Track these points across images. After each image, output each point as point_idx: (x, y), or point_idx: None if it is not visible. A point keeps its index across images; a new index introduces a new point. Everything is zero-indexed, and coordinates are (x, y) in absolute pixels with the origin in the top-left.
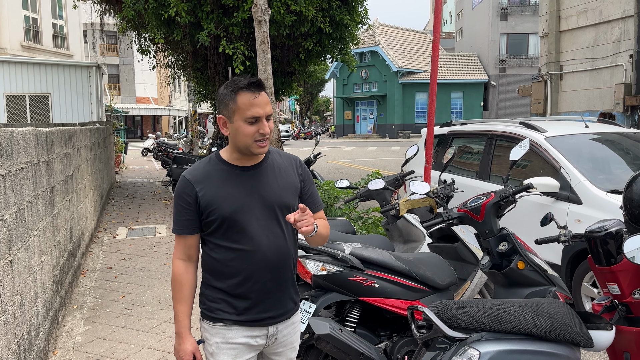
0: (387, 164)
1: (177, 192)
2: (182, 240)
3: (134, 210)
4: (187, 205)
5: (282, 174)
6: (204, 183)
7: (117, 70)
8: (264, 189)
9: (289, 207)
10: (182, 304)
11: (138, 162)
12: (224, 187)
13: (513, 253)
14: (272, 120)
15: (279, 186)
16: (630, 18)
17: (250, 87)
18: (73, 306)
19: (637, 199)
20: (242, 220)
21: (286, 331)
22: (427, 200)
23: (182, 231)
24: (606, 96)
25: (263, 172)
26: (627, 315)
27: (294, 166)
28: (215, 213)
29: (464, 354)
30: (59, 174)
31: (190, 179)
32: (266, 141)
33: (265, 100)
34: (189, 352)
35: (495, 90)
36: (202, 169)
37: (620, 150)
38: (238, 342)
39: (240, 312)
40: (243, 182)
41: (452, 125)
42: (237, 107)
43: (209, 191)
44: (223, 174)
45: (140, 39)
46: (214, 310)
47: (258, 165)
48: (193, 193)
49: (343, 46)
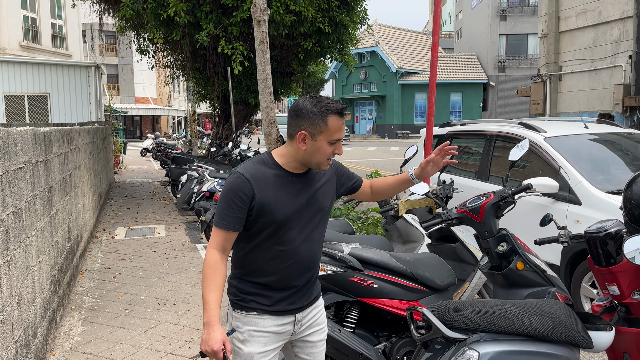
0: (386, 164)
1: (233, 188)
2: (223, 233)
3: (133, 211)
4: (242, 203)
5: (324, 180)
6: (261, 185)
7: (116, 70)
8: (311, 196)
9: (326, 211)
10: (214, 292)
11: (137, 162)
12: (279, 193)
13: (512, 254)
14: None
15: (322, 192)
16: (629, 19)
17: (341, 113)
18: (71, 306)
19: (637, 200)
20: (290, 224)
21: (310, 315)
22: (426, 201)
23: (229, 227)
24: (605, 97)
25: (310, 179)
26: (626, 316)
27: (331, 170)
28: (268, 217)
29: (463, 355)
30: (57, 173)
31: (249, 179)
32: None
33: (344, 124)
34: (219, 341)
35: (494, 90)
36: (259, 170)
37: (619, 151)
38: (269, 331)
39: (272, 304)
40: (295, 189)
41: (451, 125)
42: (326, 129)
43: (265, 195)
44: (278, 179)
45: (139, 38)
46: (248, 301)
47: (307, 173)
48: (251, 193)
49: (342, 46)
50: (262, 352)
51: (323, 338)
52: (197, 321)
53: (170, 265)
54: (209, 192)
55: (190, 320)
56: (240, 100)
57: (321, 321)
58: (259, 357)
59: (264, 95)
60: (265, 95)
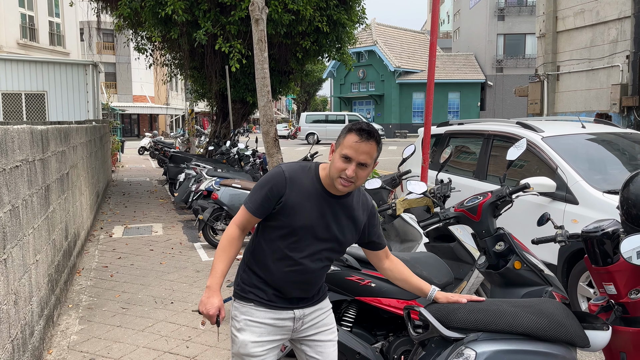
0: (384, 163)
1: (270, 179)
2: (248, 215)
3: (130, 209)
4: (271, 195)
5: (353, 215)
6: (295, 187)
7: (113, 68)
8: (334, 221)
9: (343, 243)
10: (224, 262)
11: (135, 161)
12: (307, 203)
13: (509, 253)
14: (366, 171)
15: (346, 224)
16: (627, 19)
17: (360, 131)
18: (68, 305)
19: (634, 199)
20: (303, 235)
21: (314, 314)
22: (424, 200)
23: (255, 212)
24: (603, 97)
25: (340, 206)
26: (623, 315)
27: (366, 210)
28: (287, 218)
29: (461, 354)
30: (54, 172)
31: (287, 177)
32: (349, 183)
33: (365, 150)
34: (216, 306)
35: (492, 90)
36: (300, 174)
37: (616, 151)
38: (264, 322)
39: (269, 299)
40: (322, 206)
41: (449, 125)
42: (342, 142)
43: (293, 197)
44: (312, 189)
45: (137, 37)
46: (247, 292)
47: (340, 197)
48: (282, 190)
49: (340, 45)
50: (256, 342)
51: (332, 338)
52: (194, 320)
53: (167, 264)
54: (206, 191)
55: (188, 319)
56: (238, 99)
57: (328, 322)
58: (252, 345)
59: (262, 94)
60: (264, 94)
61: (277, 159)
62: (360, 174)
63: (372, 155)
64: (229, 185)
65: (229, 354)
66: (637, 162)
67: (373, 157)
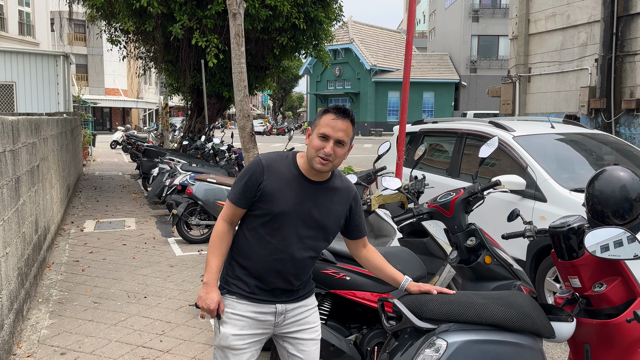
0: (359, 160)
1: (249, 169)
2: (233, 208)
3: (102, 204)
4: (251, 185)
5: (335, 200)
6: (272, 174)
7: (85, 60)
8: (314, 206)
9: (327, 230)
10: (217, 258)
11: (106, 155)
12: (285, 189)
13: (481, 248)
14: (343, 149)
15: (327, 210)
16: (596, 23)
17: (336, 110)
18: (38, 299)
19: (598, 196)
20: (284, 222)
21: (297, 311)
22: (399, 196)
23: (237, 203)
24: (572, 99)
25: (321, 191)
26: (587, 307)
27: (349, 197)
28: (266, 205)
29: (432, 344)
30: (24, 164)
31: (264, 164)
32: (327, 161)
33: (342, 127)
34: (215, 301)
35: (465, 90)
36: (277, 162)
37: (583, 151)
38: (246, 316)
39: (252, 291)
40: (302, 192)
41: (424, 123)
42: (319, 122)
43: (272, 184)
44: (290, 176)
45: (111, 28)
46: (230, 283)
47: (320, 183)
48: (260, 178)
49: (317, 42)
50: (237, 335)
51: (315, 337)
52: (168, 314)
53: (141, 258)
54: (180, 186)
55: (162, 313)
56: (214, 94)
57: (311, 320)
58: (233, 338)
59: (239, 88)
60: (240, 88)
61: (253, 154)
62: (337, 152)
63: (349, 134)
64: (204, 180)
65: (203, 348)
66: (603, 162)
67: (349, 136)
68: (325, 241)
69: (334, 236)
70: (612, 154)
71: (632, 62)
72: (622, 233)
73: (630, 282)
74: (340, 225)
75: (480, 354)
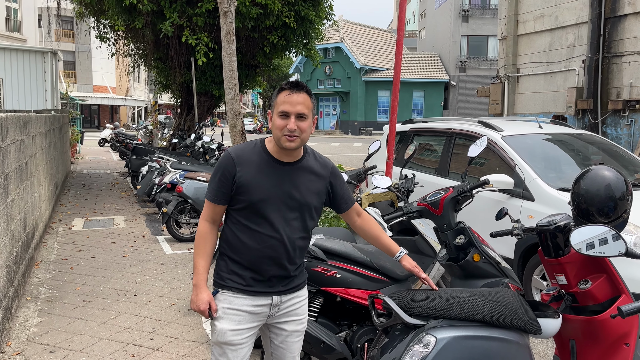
0: (350, 159)
1: (220, 165)
2: (212, 206)
3: (91, 202)
4: (225, 179)
5: (311, 177)
6: (244, 165)
7: (73, 57)
8: (293, 187)
9: (311, 208)
10: (203, 259)
11: (95, 153)
12: (260, 176)
13: (469, 246)
14: (306, 122)
15: (306, 188)
16: (584, 24)
17: (289, 85)
18: (27, 297)
19: (584, 195)
20: (266, 208)
21: (290, 302)
22: (389, 195)
23: (215, 200)
24: (559, 99)
25: (297, 171)
26: (573, 304)
27: (327, 172)
28: (245, 195)
29: (422, 340)
30: (13, 161)
31: (234, 158)
32: (294, 137)
33: (299, 101)
34: (205, 301)
35: (455, 90)
36: (247, 152)
37: (570, 151)
38: (243, 310)
39: (248, 284)
40: (277, 175)
41: (414, 122)
42: (275, 102)
43: (246, 174)
44: (262, 162)
45: (99, 25)
46: (224, 279)
47: (294, 163)
48: (233, 171)
49: (308, 41)
50: (234, 330)
51: (300, 329)
52: (158, 312)
53: (130, 256)
54: (170, 184)
55: (152, 311)
56: (204, 92)
57: (301, 312)
58: (231, 334)
59: (230, 87)
60: (231, 87)
61: None
62: (302, 126)
63: (308, 106)
64: (193, 178)
65: (193, 345)
66: (590, 162)
67: (309, 108)
68: (311, 219)
69: (319, 213)
70: (599, 154)
71: (619, 63)
72: (607, 231)
73: (615, 279)
74: (324, 202)
75: (469, 350)
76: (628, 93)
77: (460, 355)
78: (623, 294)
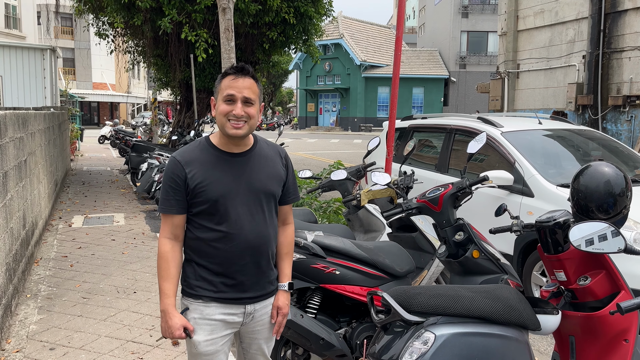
0: (349, 156)
1: (167, 173)
2: (169, 219)
3: (91, 199)
4: (176, 186)
5: (268, 163)
6: (193, 165)
7: (72, 54)
8: (251, 176)
9: (274, 195)
10: (169, 282)
11: (94, 150)
12: (213, 172)
13: (469, 242)
14: (254, 108)
15: (265, 175)
16: (584, 20)
17: (233, 69)
18: (26, 295)
19: (583, 191)
20: (227, 204)
21: (264, 311)
22: (388, 191)
23: (170, 211)
24: (559, 95)
25: (251, 160)
26: (572, 300)
27: (280, 156)
28: (202, 195)
29: (421, 337)
30: (12, 158)
31: (180, 161)
32: (241, 123)
33: (245, 85)
34: (178, 326)
35: (455, 86)
36: (193, 152)
37: (570, 147)
38: (215, 319)
39: (219, 290)
40: (231, 168)
41: (413, 119)
42: (220, 87)
43: (197, 174)
44: (212, 158)
45: (98, 22)
46: (193, 287)
47: (246, 153)
48: (182, 174)
49: (307, 37)
50: (208, 340)
51: (269, 337)
52: (157, 309)
53: (130, 254)
54: None
55: (151, 308)
56: (203, 89)
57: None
58: (205, 344)
59: None
60: None
61: None
62: (249, 112)
63: (255, 91)
64: None
65: None
66: (590, 157)
67: (256, 93)
68: (277, 202)
69: (282, 193)
70: (599, 150)
71: (619, 58)
72: (607, 227)
73: (614, 275)
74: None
75: (467, 346)
76: (628, 89)
77: (459, 352)
78: (622, 290)
